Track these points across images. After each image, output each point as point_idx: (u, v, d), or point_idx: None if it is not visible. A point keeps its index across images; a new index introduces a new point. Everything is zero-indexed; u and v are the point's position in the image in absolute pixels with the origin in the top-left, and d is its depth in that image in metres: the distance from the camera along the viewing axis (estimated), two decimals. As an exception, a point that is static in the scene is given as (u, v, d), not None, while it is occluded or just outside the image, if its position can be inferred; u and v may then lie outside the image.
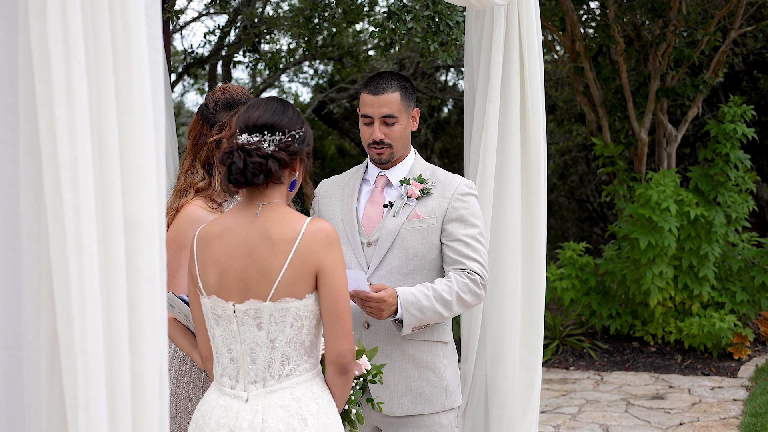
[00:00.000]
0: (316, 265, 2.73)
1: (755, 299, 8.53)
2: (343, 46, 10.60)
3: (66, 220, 1.88)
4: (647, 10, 8.73)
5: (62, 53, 1.89)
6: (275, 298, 2.73)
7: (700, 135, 11.85)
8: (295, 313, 2.75)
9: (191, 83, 12.94)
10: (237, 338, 2.79)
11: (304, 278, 2.73)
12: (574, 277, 8.65)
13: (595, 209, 13.53)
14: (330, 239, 2.75)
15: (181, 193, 3.39)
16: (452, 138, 13.05)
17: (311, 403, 2.76)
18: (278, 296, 2.73)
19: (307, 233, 2.73)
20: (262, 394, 2.77)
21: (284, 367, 2.77)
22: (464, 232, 3.55)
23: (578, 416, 6.82)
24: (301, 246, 2.72)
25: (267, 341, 2.76)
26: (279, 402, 2.75)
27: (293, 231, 2.74)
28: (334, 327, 2.75)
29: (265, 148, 2.77)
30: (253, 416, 2.74)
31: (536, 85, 4.19)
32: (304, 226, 2.74)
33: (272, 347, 2.77)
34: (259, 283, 2.75)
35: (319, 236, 2.74)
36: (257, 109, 2.83)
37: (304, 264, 2.72)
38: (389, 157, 3.62)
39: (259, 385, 2.78)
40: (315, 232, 2.74)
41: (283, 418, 2.73)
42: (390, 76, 3.61)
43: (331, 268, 2.74)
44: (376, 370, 3.12)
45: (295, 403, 2.75)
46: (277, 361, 2.77)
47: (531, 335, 4.26)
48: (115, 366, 1.97)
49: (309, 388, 2.79)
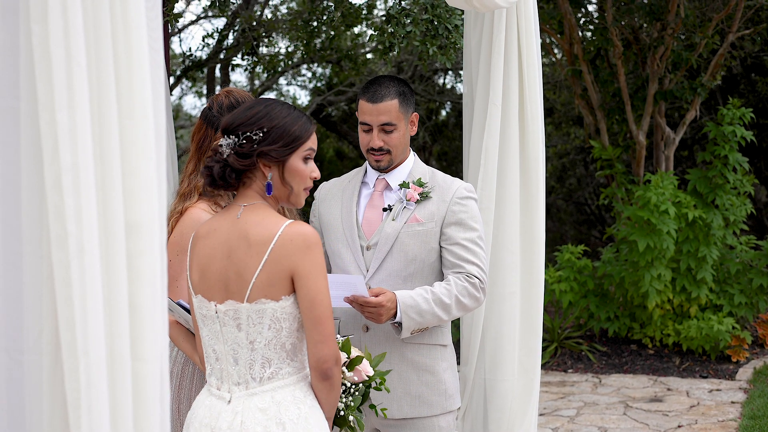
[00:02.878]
0: (291, 268, 2.70)
1: (753, 302, 8.53)
2: (341, 49, 10.61)
3: (67, 223, 1.89)
4: (645, 13, 8.74)
5: (64, 56, 1.89)
6: (251, 299, 2.73)
7: (697, 138, 11.86)
8: (272, 315, 2.73)
9: (189, 86, 12.94)
10: (220, 339, 2.80)
11: (279, 281, 2.71)
12: (572, 280, 8.65)
13: (593, 212, 13.54)
14: (307, 243, 2.71)
15: (184, 197, 3.39)
16: (450, 141, 13.06)
17: (291, 407, 2.74)
18: (254, 297, 2.73)
19: (283, 236, 2.71)
20: (244, 396, 2.77)
21: (265, 370, 2.76)
22: (463, 235, 3.56)
23: (577, 419, 6.83)
24: (275, 248, 2.70)
25: (247, 342, 2.76)
26: (259, 405, 2.74)
27: (270, 233, 2.72)
28: (312, 332, 2.72)
29: (222, 151, 2.79)
30: (233, 417, 2.74)
31: (535, 88, 4.19)
32: (281, 229, 2.72)
33: (252, 349, 2.76)
34: (237, 283, 2.74)
35: (296, 239, 2.70)
36: (234, 110, 2.87)
37: (279, 266, 2.70)
38: (388, 163, 3.62)
39: (242, 386, 2.77)
40: (291, 234, 2.71)
41: (261, 421, 2.72)
42: (388, 82, 3.60)
43: (306, 271, 2.70)
44: (380, 376, 3.07)
45: (275, 406, 2.74)
46: (257, 362, 2.76)
47: (530, 338, 4.26)
48: (117, 369, 1.97)
49: (291, 392, 2.76)
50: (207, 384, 2.89)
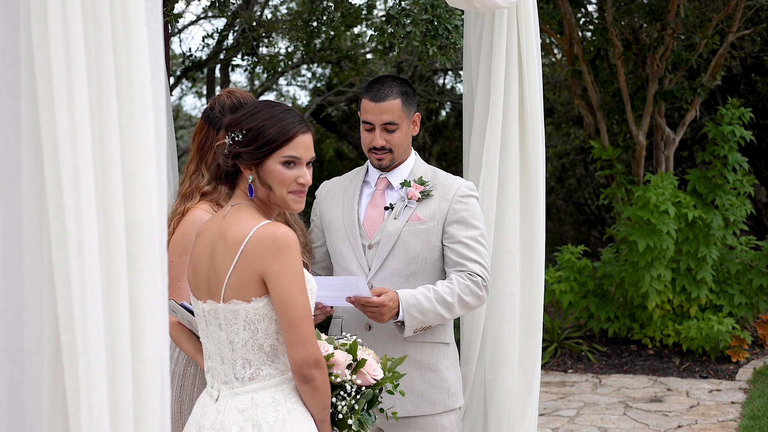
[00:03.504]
0: (260, 270, 2.69)
1: (753, 302, 8.53)
2: (341, 49, 10.60)
3: (68, 223, 1.88)
4: (645, 13, 8.74)
5: (63, 56, 1.89)
6: (225, 300, 2.74)
7: (697, 138, 11.86)
8: (245, 316, 2.73)
9: (189, 87, 12.93)
10: (209, 337, 2.83)
11: (249, 282, 2.70)
12: (572, 280, 8.65)
13: (593, 212, 13.54)
14: (278, 245, 2.67)
15: (186, 197, 3.39)
16: (450, 141, 13.05)
17: (269, 409, 2.73)
18: (227, 298, 2.74)
19: (253, 237, 2.70)
20: (228, 396, 2.78)
21: (245, 370, 2.77)
22: (465, 233, 3.56)
23: (576, 419, 6.83)
24: (246, 249, 2.70)
25: (227, 342, 2.78)
26: (239, 405, 2.75)
27: (242, 234, 2.72)
28: (287, 334, 2.71)
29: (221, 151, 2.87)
30: (216, 416, 2.76)
31: (535, 89, 4.19)
32: (253, 230, 2.71)
33: (232, 349, 2.77)
34: (215, 284, 2.77)
35: (266, 241, 2.68)
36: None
37: (249, 267, 2.70)
38: (390, 162, 3.62)
39: (228, 386, 2.79)
40: (262, 236, 2.69)
41: (239, 421, 2.73)
42: (391, 81, 3.61)
43: (275, 274, 2.68)
44: (390, 380, 3.01)
45: (253, 408, 2.74)
46: (238, 363, 2.77)
47: (530, 338, 4.26)
48: (117, 369, 1.97)
49: (271, 394, 2.76)
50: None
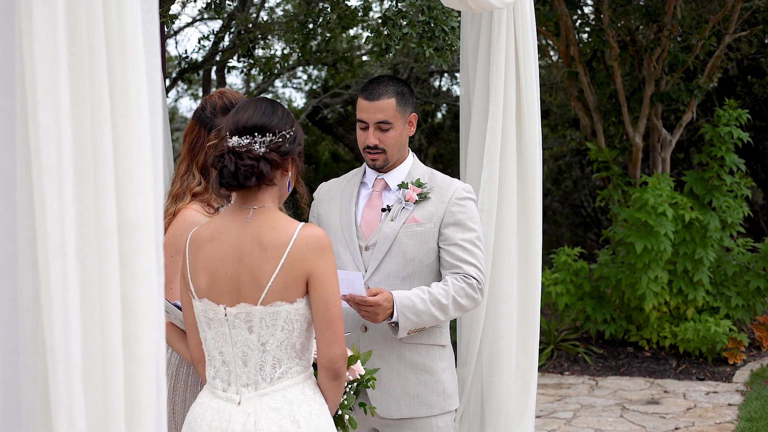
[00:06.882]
0: (307, 271, 2.73)
1: (750, 304, 8.53)
2: (337, 51, 10.60)
3: (48, 223, 1.87)
4: (642, 14, 8.74)
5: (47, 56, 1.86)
6: (266, 302, 2.74)
7: (694, 140, 11.87)
8: (286, 317, 2.75)
9: (185, 88, 12.92)
10: (229, 341, 2.80)
11: (295, 284, 2.73)
12: (568, 282, 8.65)
13: (589, 214, 13.54)
14: (321, 246, 2.74)
15: (177, 198, 3.37)
16: (446, 143, 13.05)
17: (303, 405, 2.77)
18: (269, 300, 2.74)
19: (298, 239, 2.73)
20: (255, 397, 2.77)
21: (275, 370, 2.78)
22: (462, 236, 3.55)
23: (573, 421, 6.82)
24: (292, 252, 2.72)
25: (258, 344, 2.77)
26: (271, 405, 2.75)
27: (285, 237, 2.74)
28: (326, 333, 2.75)
29: (256, 150, 2.76)
30: (245, 419, 2.75)
31: (532, 90, 4.19)
32: (296, 232, 2.74)
33: (263, 350, 2.77)
34: (251, 287, 2.75)
35: (311, 242, 2.73)
36: (246, 110, 2.81)
37: (295, 270, 2.72)
38: (383, 163, 3.62)
39: (251, 388, 2.78)
40: (306, 238, 2.73)
41: (276, 420, 2.74)
42: (387, 81, 3.61)
43: (322, 274, 2.74)
44: (369, 374, 3.12)
45: (287, 405, 2.76)
46: (268, 363, 2.77)
47: (526, 340, 4.26)
48: (109, 370, 1.96)
49: (301, 390, 2.79)
50: (208, 386, 2.88)
